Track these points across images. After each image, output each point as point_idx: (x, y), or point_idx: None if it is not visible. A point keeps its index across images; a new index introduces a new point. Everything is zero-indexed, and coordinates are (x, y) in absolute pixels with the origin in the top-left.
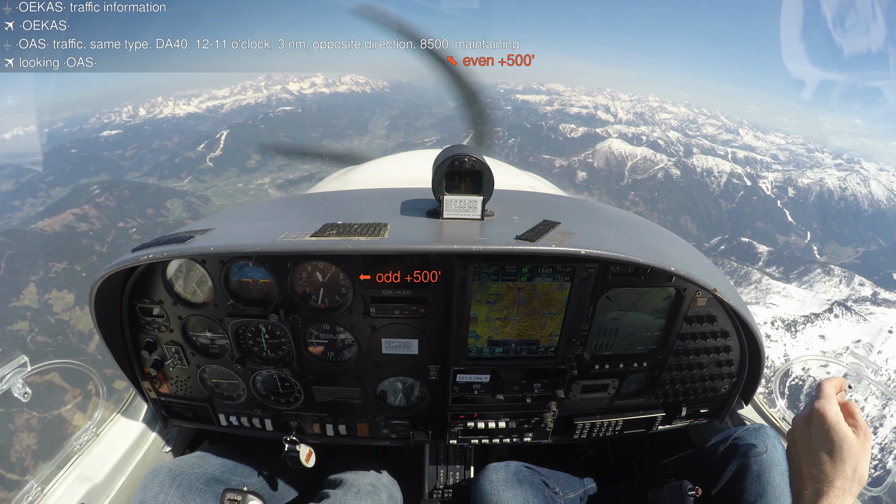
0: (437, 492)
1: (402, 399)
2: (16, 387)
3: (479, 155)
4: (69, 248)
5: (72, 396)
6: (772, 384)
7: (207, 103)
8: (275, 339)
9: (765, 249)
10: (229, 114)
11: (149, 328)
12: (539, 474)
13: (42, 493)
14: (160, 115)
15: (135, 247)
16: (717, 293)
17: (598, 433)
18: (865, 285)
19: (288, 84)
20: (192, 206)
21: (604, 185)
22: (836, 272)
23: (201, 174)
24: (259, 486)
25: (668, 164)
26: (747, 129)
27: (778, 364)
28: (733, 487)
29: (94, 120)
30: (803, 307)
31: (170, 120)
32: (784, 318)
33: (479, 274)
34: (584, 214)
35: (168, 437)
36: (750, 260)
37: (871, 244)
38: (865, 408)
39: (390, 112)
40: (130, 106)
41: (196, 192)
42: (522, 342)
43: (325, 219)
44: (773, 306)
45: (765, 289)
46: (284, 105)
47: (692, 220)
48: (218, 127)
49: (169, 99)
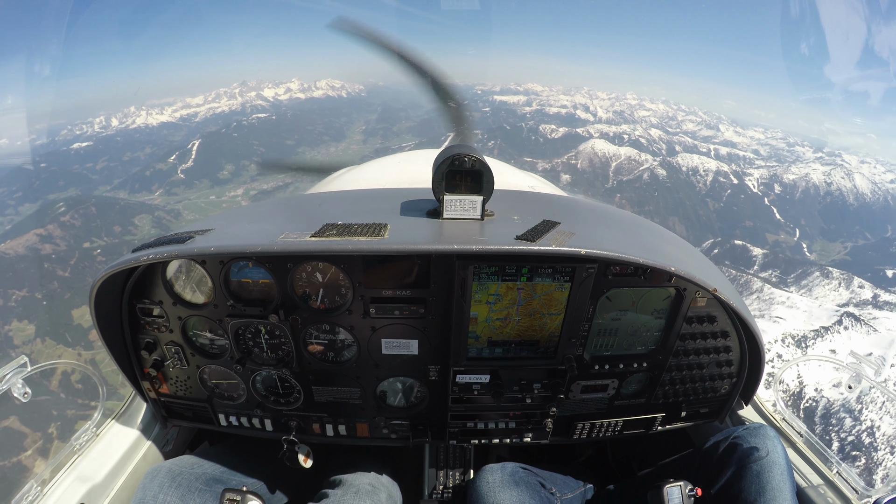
0: (437, 492)
1: (401, 399)
2: (16, 387)
3: (479, 155)
4: (29, 273)
5: (72, 396)
6: (772, 384)
7: (181, 112)
8: (274, 340)
9: (759, 252)
10: (203, 122)
11: (149, 328)
12: (536, 475)
13: (42, 493)
14: (133, 125)
15: (135, 247)
16: (717, 293)
17: (597, 434)
18: (865, 287)
19: (263, 90)
20: (162, 222)
21: (589, 188)
22: (834, 274)
23: (172, 187)
24: (258, 487)
25: (653, 164)
26: (727, 124)
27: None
28: (733, 487)
29: (66, 132)
30: (811, 319)
31: (143, 130)
32: (794, 334)
33: (478, 274)
34: (583, 214)
35: (168, 437)
36: (745, 264)
37: (859, 238)
38: (865, 407)
39: (367, 117)
40: (103, 116)
41: (167, 206)
42: (522, 342)
43: (324, 219)
44: (780, 321)
45: (767, 299)
46: (259, 112)
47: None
48: (191, 136)
49: (142, 108)
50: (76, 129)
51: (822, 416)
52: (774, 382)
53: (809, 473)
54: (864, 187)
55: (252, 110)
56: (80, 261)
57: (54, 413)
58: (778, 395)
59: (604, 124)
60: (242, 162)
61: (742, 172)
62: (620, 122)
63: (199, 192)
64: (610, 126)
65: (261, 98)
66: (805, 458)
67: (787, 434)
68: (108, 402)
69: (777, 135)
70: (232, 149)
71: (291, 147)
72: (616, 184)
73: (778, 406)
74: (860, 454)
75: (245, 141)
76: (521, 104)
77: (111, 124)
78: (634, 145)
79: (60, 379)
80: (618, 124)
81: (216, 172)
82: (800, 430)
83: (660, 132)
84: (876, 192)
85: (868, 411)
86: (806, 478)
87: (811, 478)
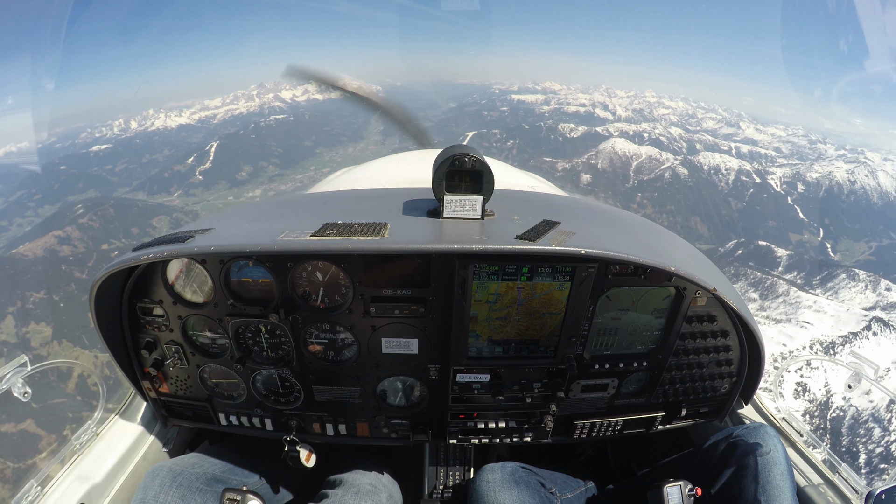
0: (437, 492)
1: (401, 399)
2: (16, 387)
3: (480, 155)
4: (47, 275)
5: (72, 396)
6: (772, 384)
7: (199, 114)
8: (275, 339)
9: (784, 253)
10: (221, 124)
11: (149, 328)
12: (536, 475)
13: (42, 493)
14: (151, 127)
15: (135, 246)
16: (717, 293)
17: (597, 433)
18: (893, 290)
19: (280, 92)
20: (180, 224)
21: (609, 188)
22: (860, 276)
23: (191, 188)
24: (259, 486)
25: (674, 163)
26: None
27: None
28: (733, 487)
29: (86, 134)
30: (839, 324)
31: (161, 132)
32: (822, 340)
33: (479, 273)
34: (583, 214)
35: (168, 437)
36: (770, 265)
37: (884, 238)
38: (865, 408)
39: None
40: (122, 119)
41: (185, 207)
42: (522, 342)
43: (325, 218)
44: (807, 326)
45: (794, 303)
46: (277, 113)
47: (702, 221)
48: (209, 138)
49: (161, 111)
50: (95, 132)
51: (850, 427)
52: (775, 382)
53: (810, 473)
54: (887, 185)
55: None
56: (97, 263)
57: (69, 415)
58: (778, 391)
59: (623, 123)
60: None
61: (764, 171)
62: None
63: (217, 193)
64: (630, 125)
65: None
66: (805, 457)
67: (787, 434)
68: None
69: (798, 132)
70: (250, 150)
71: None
72: (637, 183)
73: (778, 406)
74: (888, 466)
75: (263, 142)
76: (539, 103)
77: (130, 127)
78: (655, 144)
79: (77, 382)
80: (637, 123)
81: (234, 174)
82: (800, 429)
83: (680, 130)
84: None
85: (868, 411)
86: (806, 477)
87: (811, 477)
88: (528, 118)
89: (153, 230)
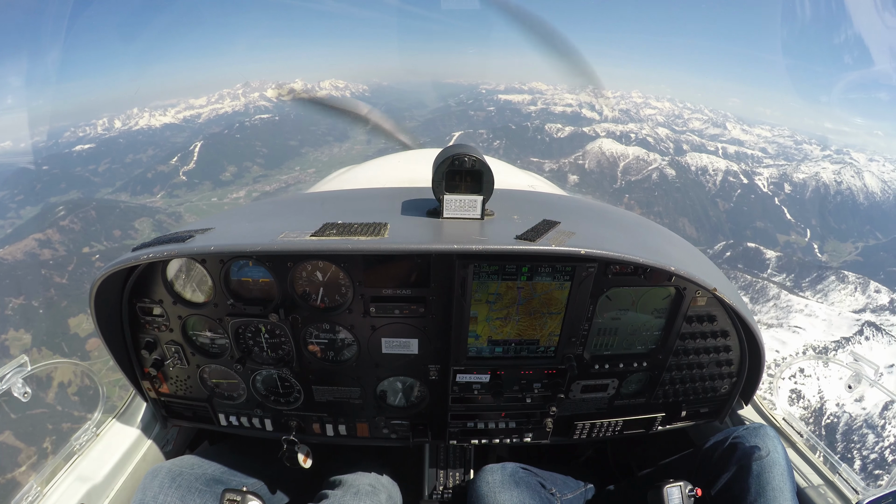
0: (437, 492)
1: (401, 399)
2: (16, 387)
3: (480, 154)
4: (27, 280)
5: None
6: (772, 384)
7: (184, 113)
8: (275, 339)
9: (773, 255)
10: (206, 123)
11: (149, 328)
12: (536, 475)
13: (42, 493)
14: (136, 126)
15: (135, 246)
16: (717, 292)
17: (597, 433)
18: (882, 292)
19: (266, 91)
20: (163, 226)
21: (596, 189)
22: (850, 278)
23: (174, 189)
24: (258, 487)
25: (661, 164)
26: (733, 122)
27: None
28: (733, 487)
29: (69, 134)
30: (831, 328)
31: (145, 131)
32: (815, 346)
33: (478, 273)
34: (584, 214)
35: (168, 437)
36: (758, 267)
37: (870, 238)
38: (859, 414)
39: None
40: (106, 118)
41: (168, 209)
42: (522, 342)
43: (324, 218)
44: (799, 331)
45: (785, 307)
46: (262, 113)
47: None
48: (193, 138)
49: (145, 110)
50: (79, 131)
51: (844, 434)
52: (775, 382)
53: (810, 473)
54: (873, 186)
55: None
56: (77, 267)
57: (49, 427)
58: (776, 391)
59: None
60: (245, 163)
61: (752, 172)
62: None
63: (201, 194)
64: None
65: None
66: (805, 458)
67: (788, 434)
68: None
69: (784, 132)
70: (234, 150)
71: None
72: (624, 184)
73: (778, 406)
74: (882, 472)
75: (248, 142)
76: (525, 103)
77: (114, 126)
78: (642, 144)
79: (57, 391)
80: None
81: (218, 174)
82: (800, 430)
83: (667, 131)
84: (886, 191)
85: (892, 426)
86: (806, 478)
87: (811, 478)
88: (515, 118)
89: (135, 233)
